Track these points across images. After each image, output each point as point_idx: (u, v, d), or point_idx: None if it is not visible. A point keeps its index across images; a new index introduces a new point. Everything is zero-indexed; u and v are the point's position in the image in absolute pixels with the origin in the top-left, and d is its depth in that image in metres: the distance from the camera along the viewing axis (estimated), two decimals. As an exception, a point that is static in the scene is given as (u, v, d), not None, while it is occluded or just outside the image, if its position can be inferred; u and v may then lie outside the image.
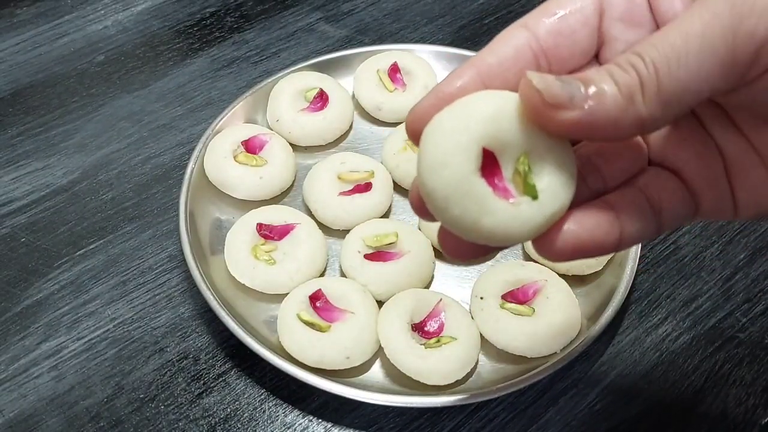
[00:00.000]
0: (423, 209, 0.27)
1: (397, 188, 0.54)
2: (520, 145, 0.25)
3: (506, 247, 0.28)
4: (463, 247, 0.27)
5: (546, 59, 0.27)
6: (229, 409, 0.45)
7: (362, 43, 0.66)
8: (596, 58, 0.29)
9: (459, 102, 0.25)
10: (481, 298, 0.46)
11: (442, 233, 0.28)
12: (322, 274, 0.50)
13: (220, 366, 0.46)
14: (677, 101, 0.23)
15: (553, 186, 0.25)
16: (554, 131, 0.24)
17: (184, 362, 0.47)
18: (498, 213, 0.24)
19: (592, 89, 0.23)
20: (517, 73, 0.27)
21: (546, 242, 0.26)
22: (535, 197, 0.25)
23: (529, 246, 0.50)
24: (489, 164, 0.25)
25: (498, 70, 0.27)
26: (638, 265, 0.48)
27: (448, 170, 0.24)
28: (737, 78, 0.23)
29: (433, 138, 0.25)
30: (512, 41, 0.27)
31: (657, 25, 0.28)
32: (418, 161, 0.25)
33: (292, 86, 0.57)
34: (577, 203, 0.26)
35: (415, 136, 0.27)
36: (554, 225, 0.26)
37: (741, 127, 0.27)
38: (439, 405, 0.43)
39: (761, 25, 0.22)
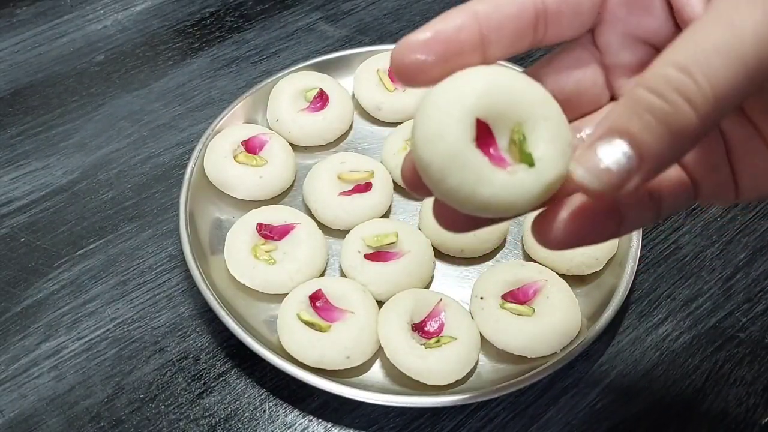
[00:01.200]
0: (415, 184, 0.27)
1: (397, 188, 0.54)
2: (513, 116, 0.25)
3: (503, 220, 0.27)
4: (460, 218, 0.27)
5: (545, 23, 0.27)
6: (229, 409, 0.45)
7: (362, 43, 0.66)
8: (591, 33, 0.29)
9: (452, 77, 0.25)
10: (481, 298, 0.46)
11: (437, 205, 0.27)
12: (322, 274, 0.50)
13: (221, 366, 0.46)
14: (731, 102, 0.22)
15: (549, 154, 0.25)
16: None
17: (185, 362, 0.47)
18: (495, 182, 0.24)
19: (643, 143, 0.21)
20: (513, 31, 0.26)
21: (545, 230, 0.25)
22: (531, 164, 0.25)
23: (529, 246, 0.50)
24: (484, 135, 0.25)
25: (496, 24, 0.26)
26: (638, 264, 0.48)
27: (443, 142, 0.24)
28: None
29: (428, 111, 0.25)
30: None
31: (672, 10, 0.27)
32: (413, 135, 0.25)
33: (292, 86, 0.57)
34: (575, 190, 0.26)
35: (401, 70, 0.25)
36: (552, 210, 0.25)
37: (750, 114, 0.27)
38: (439, 405, 0.43)
39: None
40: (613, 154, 0.21)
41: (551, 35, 0.27)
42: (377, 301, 0.47)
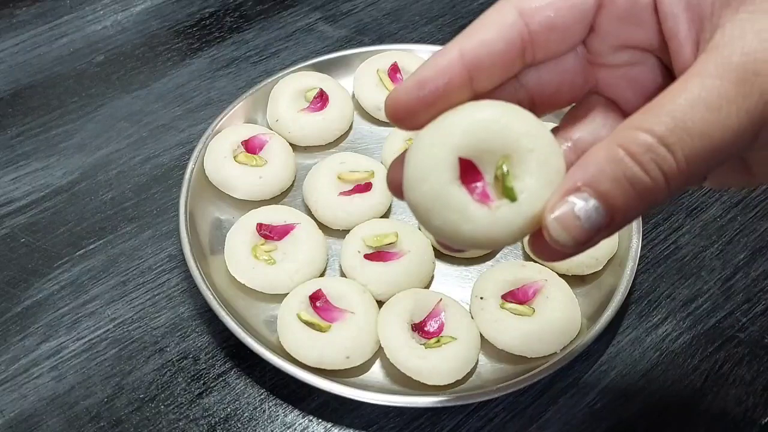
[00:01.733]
0: (399, 190, 0.27)
1: (397, 188, 0.54)
2: (499, 150, 0.25)
3: (501, 248, 0.29)
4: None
5: (533, 50, 0.27)
6: (229, 409, 0.45)
7: (362, 43, 0.66)
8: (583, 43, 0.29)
9: (437, 119, 0.26)
10: (481, 298, 0.46)
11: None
12: (322, 274, 0.50)
13: (220, 366, 0.46)
14: (695, 180, 0.24)
15: (533, 187, 0.25)
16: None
17: (184, 362, 0.46)
18: (477, 220, 0.25)
19: (618, 208, 0.23)
20: (503, 65, 0.26)
21: (540, 244, 0.25)
22: (513, 199, 0.25)
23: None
24: (468, 172, 0.25)
25: (485, 64, 0.26)
26: (638, 265, 0.48)
27: (427, 183, 0.25)
28: (743, 149, 0.24)
29: (413, 154, 0.26)
30: (503, 29, 0.26)
31: (659, 26, 0.27)
32: (403, 178, 0.26)
33: (291, 86, 0.57)
34: None
35: (394, 118, 0.27)
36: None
37: None
38: (438, 405, 0.42)
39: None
40: (587, 212, 0.23)
41: (540, 57, 0.28)
42: (377, 301, 0.47)
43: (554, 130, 0.29)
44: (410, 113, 0.26)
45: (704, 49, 0.24)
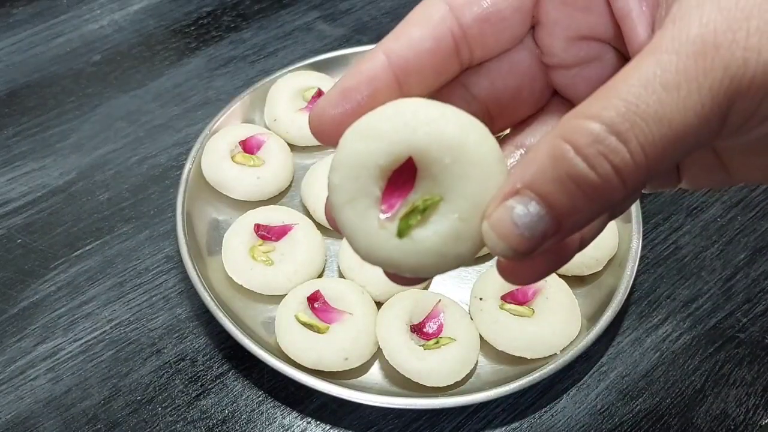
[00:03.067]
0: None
1: (396, 188, 0.54)
2: (426, 154, 0.21)
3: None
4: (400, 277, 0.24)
5: (468, 47, 0.24)
6: (226, 411, 0.44)
7: (360, 42, 0.66)
8: (531, 36, 0.26)
9: (354, 124, 0.22)
10: (481, 299, 0.46)
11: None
12: (320, 275, 0.49)
13: (218, 368, 0.46)
14: (659, 172, 0.20)
15: (465, 200, 0.21)
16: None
17: (182, 364, 0.46)
18: (394, 247, 0.21)
19: (564, 212, 0.20)
20: (435, 67, 0.23)
21: (508, 269, 0.23)
22: (400, 236, 0.21)
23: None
24: (392, 188, 0.22)
25: (414, 66, 0.23)
26: (638, 265, 0.48)
27: (344, 210, 0.22)
28: (714, 136, 0.20)
29: (330, 173, 0.22)
30: (431, 25, 0.23)
31: (611, 8, 0.24)
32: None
33: (289, 86, 0.57)
34: None
35: (319, 135, 0.23)
36: None
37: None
38: (438, 406, 0.42)
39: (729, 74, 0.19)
40: (529, 218, 0.20)
41: (479, 55, 0.24)
42: (376, 302, 0.47)
43: (505, 137, 0.26)
44: (337, 128, 0.23)
45: (660, 25, 0.21)
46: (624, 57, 0.25)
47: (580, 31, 0.25)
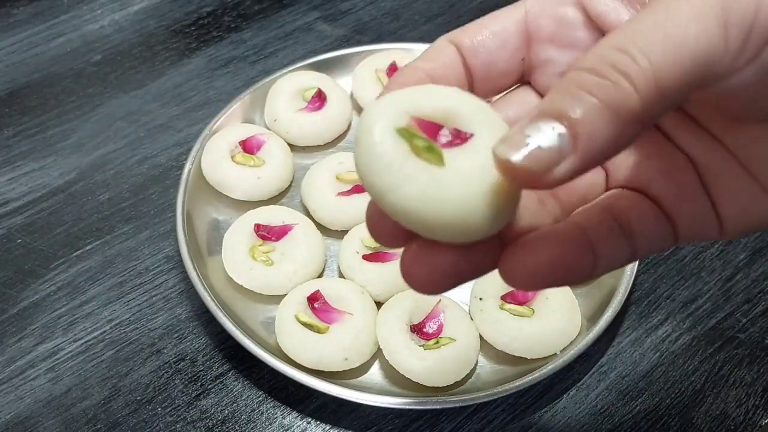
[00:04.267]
0: (380, 232, 0.24)
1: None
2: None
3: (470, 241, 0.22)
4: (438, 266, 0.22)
5: (470, 77, 0.26)
6: (226, 411, 0.44)
7: (360, 43, 0.66)
8: (529, 84, 0.27)
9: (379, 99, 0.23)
10: (481, 299, 0.46)
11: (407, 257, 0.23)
12: (320, 275, 0.49)
13: (218, 368, 0.46)
14: (675, 89, 0.20)
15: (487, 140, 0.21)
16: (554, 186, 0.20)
17: (182, 364, 0.46)
18: (421, 179, 0.21)
19: (576, 120, 0.19)
20: (454, 80, 0.25)
21: (513, 270, 0.22)
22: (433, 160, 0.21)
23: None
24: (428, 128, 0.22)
25: (437, 75, 0.25)
26: (638, 265, 0.48)
27: (376, 155, 0.21)
28: (728, 64, 0.20)
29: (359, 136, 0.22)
30: (443, 55, 0.25)
31: (596, 37, 0.25)
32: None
33: (290, 86, 0.57)
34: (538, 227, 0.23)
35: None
36: (518, 248, 0.22)
37: (711, 130, 0.24)
38: (438, 407, 0.42)
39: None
40: (544, 132, 0.19)
41: (478, 87, 0.26)
42: (376, 302, 0.47)
43: None
44: None
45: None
46: None
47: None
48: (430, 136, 0.22)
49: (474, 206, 0.21)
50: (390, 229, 0.23)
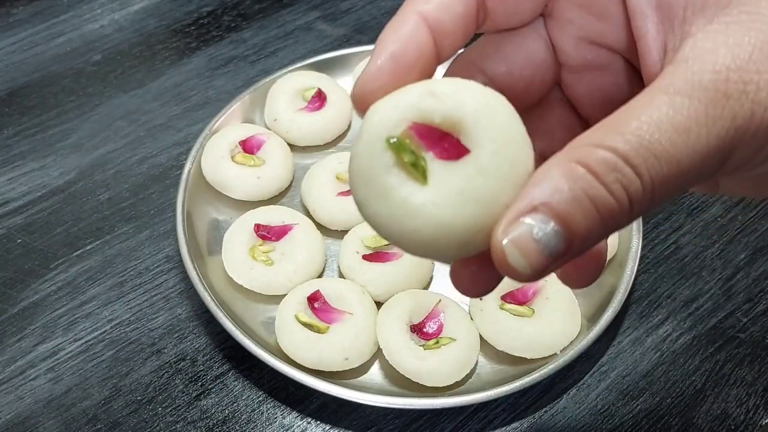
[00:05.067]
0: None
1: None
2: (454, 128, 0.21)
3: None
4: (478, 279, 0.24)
5: (485, 11, 0.25)
6: (227, 411, 0.44)
7: (361, 42, 0.66)
8: (542, 16, 0.26)
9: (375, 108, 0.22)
10: (481, 299, 0.46)
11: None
12: (320, 275, 0.49)
13: (218, 368, 0.46)
14: (661, 203, 0.21)
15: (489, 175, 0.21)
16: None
17: (182, 364, 0.46)
18: (420, 201, 0.20)
19: (579, 232, 0.20)
20: (465, 30, 0.24)
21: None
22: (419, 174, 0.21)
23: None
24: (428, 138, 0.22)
25: (449, 28, 0.24)
26: (639, 265, 0.48)
27: (364, 170, 0.21)
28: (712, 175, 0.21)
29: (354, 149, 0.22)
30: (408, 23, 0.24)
31: (628, 23, 0.25)
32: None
33: (290, 86, 0.57)
34: None
35: (362, 106, 0.23)
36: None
37: None
38: (438, 406, 0.42)
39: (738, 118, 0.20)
40: (547, 237, 0.20)
41: (489, 26, 0.26)
42: (376, 302, 0.47)
43: None
44: (377, 93, 0.23)
45: (672, 60, 0.22)
46: (631, 71, 0.26)
47: (591, 36, 0.26)
48: (427, 144, 0.21)
49: (441, 234, 0.21)
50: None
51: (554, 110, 0.28)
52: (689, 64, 0.21)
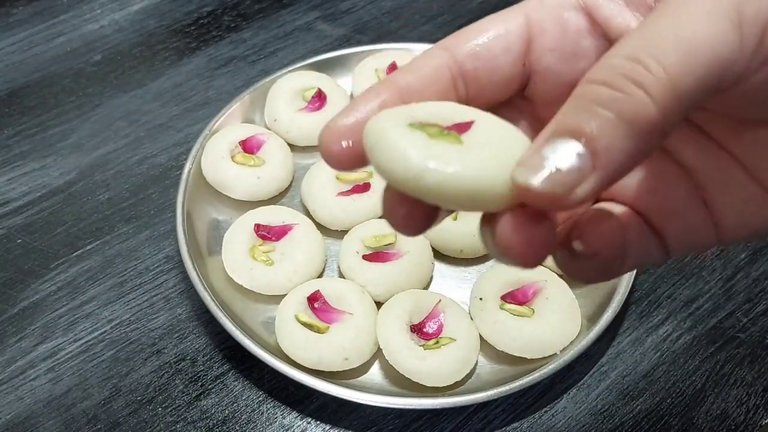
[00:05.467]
0: (397, 217, 0.23)
1: (396, 188, 0.54)
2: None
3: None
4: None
5: (464, 83, 0.24)
6: (227, 411, 0.44)
7: (360, 42, 0.66)
8: (523, 93, 0.26)
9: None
10: (481, 299, 0.46)
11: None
12: (320, 275, 0.49)
13: (218, 368, 0.46)
14: (692, 95, 0.19)
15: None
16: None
17: (182, 364, 0.46)
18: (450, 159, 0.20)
19: (594, 136, 0.18)
20: (436, 93, 0.24)
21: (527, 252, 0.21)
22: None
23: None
24: None
25: (417, 88, 0.24)
26: (638, 265, 0.48)
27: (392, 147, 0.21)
28: (743, 66, 0.19)
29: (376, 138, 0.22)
30: (431, 62, 0.24)
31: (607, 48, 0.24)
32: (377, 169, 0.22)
33: (289, 86, 0.57)
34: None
35: (328, 159, 0.23)
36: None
37: (720, 140, 0.23)
38: (438, 406, 0.42)
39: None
40: (562, 153, 0.18)
41: (473, 95, 0.25)
42: (376, 302, 0.47)
43: None
44: (347, 152, 0.23)
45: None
46: None
47: (572, 77, 0.25)
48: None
49: (507, 172, 0.20)
50: (407, 215, 0.23)
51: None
52: None
